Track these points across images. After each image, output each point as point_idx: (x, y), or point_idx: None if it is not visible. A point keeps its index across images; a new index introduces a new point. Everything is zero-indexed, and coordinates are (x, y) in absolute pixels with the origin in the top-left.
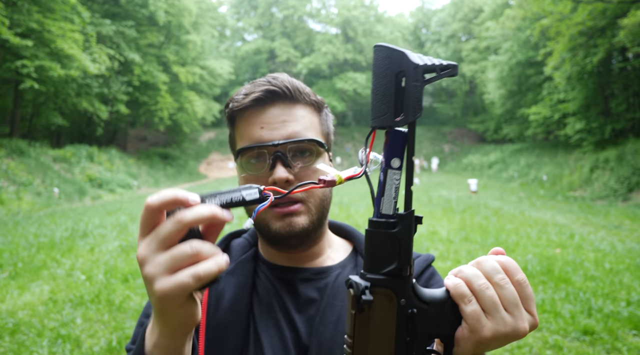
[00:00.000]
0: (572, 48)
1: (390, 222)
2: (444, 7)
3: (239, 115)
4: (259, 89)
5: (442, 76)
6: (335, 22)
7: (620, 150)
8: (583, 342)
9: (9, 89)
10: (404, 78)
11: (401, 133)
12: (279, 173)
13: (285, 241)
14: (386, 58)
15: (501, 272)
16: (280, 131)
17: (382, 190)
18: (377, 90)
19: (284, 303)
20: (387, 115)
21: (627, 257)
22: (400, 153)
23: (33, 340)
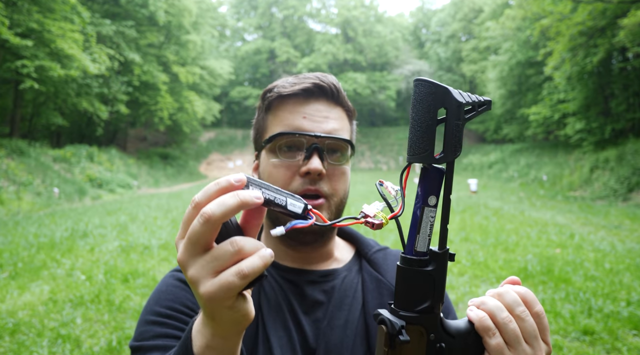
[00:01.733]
0: (572, 48)
1: (424, 260)
2: (444, 7)
3: (281, 102)
4: (309, 81)
5: (480, 113)
6: (335, 22)
7: (620, 150)
8: (583, 342)
9: (9, 89)
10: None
11: (439, 170)
12: (315, 164)
13: (301, 237)
14: (430, 94)
15: (522, 304)
16: (322, 125)
17: (418, 228)
18: (418, 125)
19: (291, 304)
20: (427, 153)
21: (627, 257)
22: (437, 191)
23: (33, 340)
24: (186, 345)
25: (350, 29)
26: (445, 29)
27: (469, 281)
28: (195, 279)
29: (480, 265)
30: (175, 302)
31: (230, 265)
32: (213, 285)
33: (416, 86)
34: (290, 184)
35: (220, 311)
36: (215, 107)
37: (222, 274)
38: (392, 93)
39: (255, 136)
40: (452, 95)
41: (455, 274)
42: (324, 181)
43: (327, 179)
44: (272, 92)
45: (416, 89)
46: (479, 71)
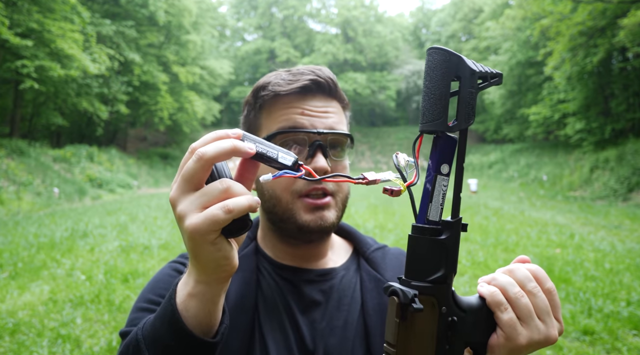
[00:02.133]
0: (572, 48)
1: (437, 228)
2: (444, 7)
3: (276, 100)
4: (306, 77)
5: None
6: (335, 22)
7: (620, 150)
8: (583, 342)
9: (9, 89)
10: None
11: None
12: (321, 162)
13: (309, 235)
14: (444, 62)
15: (533, 280)
16: (321, 120)
17: (431, 196)
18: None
19: (288, 304)
20: (441, 120)
21: (627, 257)
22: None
23: (33, 340)
24: (170, 298)
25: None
26: (445, 29)
27: (469, 281)
28: (183, 214)
29: (480, 265)
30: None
31: (217, 202)
32: (198, 217)
33: (430, 54)
34: (293, 184)
35: (202, 247)
36: (215, 107)
37: (209, 208)
38: (392, 93)
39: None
40: (466, 63)
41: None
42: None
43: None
44: (267, 91)
45: (429, 57)
46: None
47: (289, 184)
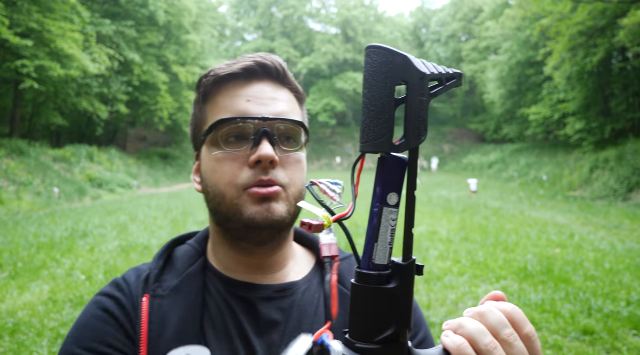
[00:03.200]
0: (572, 48)
1: (384, 275)
2: (444, 7)
3: (219, 87)
4: (250, 59)
5: (449, 88)
6: (335, 22)
7: (620, 150)
8: (583, 342)
9: (9, 89)
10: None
11: (400, 161)
12: (266, 149)
13: (258, 232)
14: (385, 64)
15: (509, 326)
16: (269, 108)
17: (376, 235)
18: (372, 105)
19: (241, 326)
20: (384, 138)
21: (627, 257)
22: (399, 187)
23: (33, 340)
24: None
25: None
26: (445, 29)
27: (469, 281)
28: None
29: (480, 265)
30: (96, 341)
31: None
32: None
33: (368, 55)
34: (239, 177)
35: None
36: None
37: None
38: None
39: (193, 133)
40: (413, 64)
41: (456, 274)
42: (278, 170)
43: (281, 168)
44: (208, 77)
45: (367, 58)
46: (479, 71)
47: (233, 177)
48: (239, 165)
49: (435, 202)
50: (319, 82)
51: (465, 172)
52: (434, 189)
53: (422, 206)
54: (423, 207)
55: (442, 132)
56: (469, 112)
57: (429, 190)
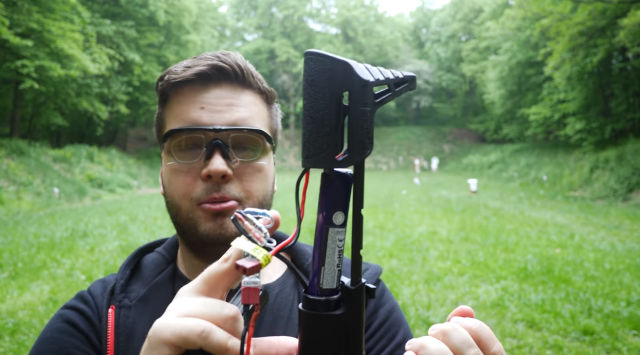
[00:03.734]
0: (572, 48)
1: (332, 300)
2: (444, 7)
3: (174, 91)
4: (205, 62)
5: (398, 93)
6: (335, 22)
7: (620, 150)
8: (583, 342)
9: (9, 89)
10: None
11: (345, 177)
12: (216, 164)
13: (214, 248)
14: (324, 72)
15: (474, 345)
16: (224, 115)
17: (322, 258)
18: (312, 117)
19: None
20: (326, 153)
21: (627, 257)
22: (344, 204)
23: (33, 340)
24: None
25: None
26: (445, 29)
27: (469, 281)
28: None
29: (480, 265)
30: (58, 352)
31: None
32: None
33: (306, 62)
34: (192, 191)
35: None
36: None
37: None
38: None
39: (156, 135)
40: (355, 71)
41: (456, 274)
42: (233, 183)
43: (238, 180)
44: (163, 81)
45: (305, 66)
46: (479, 71)
47: (187, 190)
48: (193, 178)
49: (435, 202)
50: None
51: (465, 172)
52: (433, 189)
53: (422, 206)
54: (423, 207)
55: (442, 132)
56: (469, 112)
57: (429, 190)
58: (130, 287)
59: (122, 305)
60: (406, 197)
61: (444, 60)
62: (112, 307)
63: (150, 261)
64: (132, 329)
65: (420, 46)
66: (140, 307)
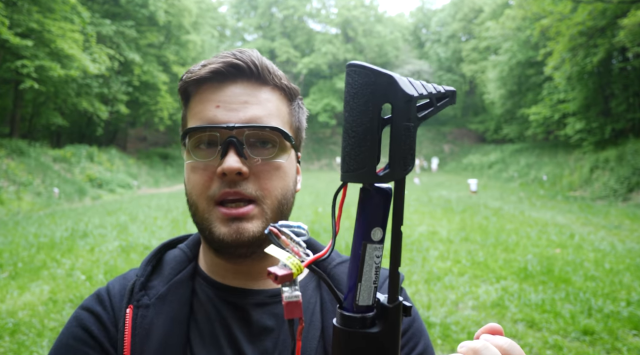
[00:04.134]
0: (572, 48)
1: (368, 317)
2: (444, 7)
3: (194, 91)
4: (221, 60)
5: (440, 108)
6: (335, 22)
7: (620, 150)
8: (583, 342)
9: (9, 89)
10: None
11: (385, 192)
12: (230, 162)
13: (232, 249)
14: (368, 85)
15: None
16: (239, 113)
17: (360, 274)
18: (353, 130)
19: (231, 333)
20: (366, 169)
21: (627, 257)
22: (383, 221)
23: (33, 340)
24: None
25: (350, 29)
26: (445, 29)
27: (469, 281)
28: None
29: (480, 265)
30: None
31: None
32: None
33: (349, 75)
34: (209, 188)
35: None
36: None
37: None
38: None
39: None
40: (399, 85)
41: (456, 274)
42: (250, 181)
43: (254, 178)
44: (182, 81)
45: (348, 78)
46: (479, 71)
47: (204, 188)
48: (209, 176)
49: (435, 202)
50: (319, 82)
51: (465, 172)
52: (434, 189)
53: (422, 206)
54: (423, 207)
55: (442, 132)
56: (469, 112)
57: (429, 190)
58: (150, 284)
59: (140, 304)
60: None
61: (444, 60)
62: (130, 306)
63: (172, 258)
64: (148, 330)
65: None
66: (158, 306)
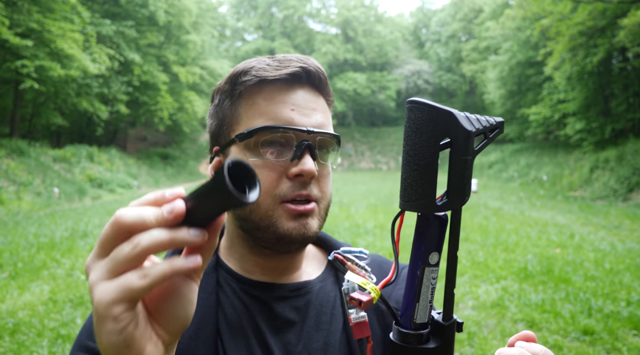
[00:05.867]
0: (572, 48)
1: (424, 334)
2: (444, 7)
3: (260, 88)
4: (295, 64)
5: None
6: (335, 22)
7: (620, 150)
8: (583, 342)
9: (9, 89)
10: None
11: (441, 220)
12: (309, 164)
13: (289, 245)
14: (430, 122)
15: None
16: (311, 119)
17: (418, 294)
18: (415, 163)
19: (257, 325)
20: (427, 200)
21: (627, 257)
22: (439, 245)
23: (33, 340)
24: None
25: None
26: (445, 29)
27: (469, 281)
28: (91, 284)
29: (480, 265)
30: None
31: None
32: (108, 286)
33: (410, 110)
34: (277, 187)
35: (102, 323)
36: None
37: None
38: (392, 93)
39: (217, 128)
40: (459, 122)
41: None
42: (314, 184)
43: (316, 181)
44: (250, 76)
45: (410, 114)
46: (479, 71)
47: (271, 187)
48: (278, 175)
49: None
50: None
51: None
52: None
53: None
54: None
55: None
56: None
57: None
58: None
59: None
60: None
61: (444, 60)
62: None
63: None
64: None
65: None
66: None
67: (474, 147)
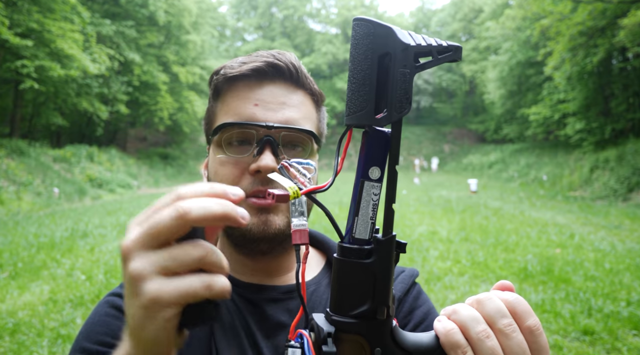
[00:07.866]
0: (572, 48)
1: (364, 249)
2: (444, 7)
3: (229, 86)
4: (262, 59)
5: (441, 61)
6: (335, 22)
7: (620, 150)
8: (583, 342)
9: (9, 89)
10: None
11: (384, 135)
12: (267, 160)
13: (255, 244)
14: (367, 35)
15: (508, 315)
16: (277, 114)
17: (357, 208)
18: (355, 77)
19: (249, 327)
20: (366, 110)
21: (627, 257)
22: (382, 161)
23: (33, 340)
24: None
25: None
26: (445, 29)
27: (469, 281)
28: (139, 274)
29: (480, 265)
30: (108, 335)
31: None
32: (169, 285)
33: (353, 28)
34: (238, 184)
35: (152, 321)
36: None
37: (185, 278)
38: None
39: (206, 127)
40: (396, 36)
41: (456, 274)
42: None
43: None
44: (219, 75)
45: (353, 31)
46: (479, 71)
47: (234, 183)
48: (240, 171)
49: (435, 202)
50: (319, 82)
51: (465, 172)
52: (434, 189)
53: (422, 206)
54: (423, 207)
55: (442, 132)
56: (469, 112)
57: (429, 190)
58: None
59: None
60: (406, 197)
61: None
62: None
63: None
64: None
65: None
66: None
67: (416, 63)
